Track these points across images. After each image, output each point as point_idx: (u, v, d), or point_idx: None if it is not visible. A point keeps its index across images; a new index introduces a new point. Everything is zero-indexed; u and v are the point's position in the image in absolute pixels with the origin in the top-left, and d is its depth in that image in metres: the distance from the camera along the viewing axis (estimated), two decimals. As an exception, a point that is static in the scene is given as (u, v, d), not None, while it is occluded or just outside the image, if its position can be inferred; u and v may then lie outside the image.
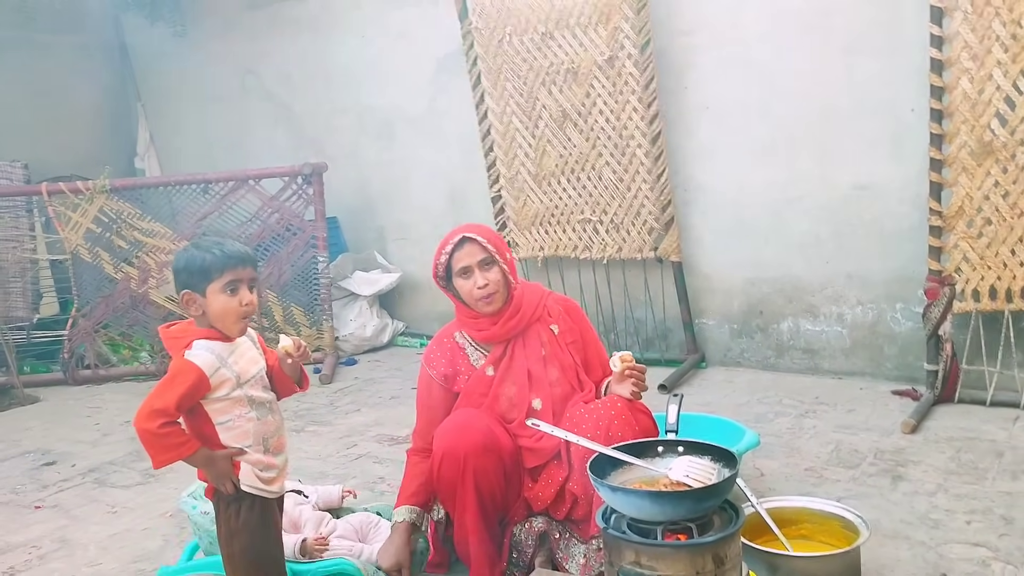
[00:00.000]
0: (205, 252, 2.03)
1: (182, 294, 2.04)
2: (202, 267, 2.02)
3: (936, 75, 3.76)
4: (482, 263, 2.54)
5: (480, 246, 2.53)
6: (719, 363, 4.89)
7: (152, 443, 1.97)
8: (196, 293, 2.03)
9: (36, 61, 6.74)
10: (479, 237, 2.54)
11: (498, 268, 2.55)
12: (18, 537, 3.28)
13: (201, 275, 2.02)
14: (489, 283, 2.53)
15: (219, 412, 2.04)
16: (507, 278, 2.58)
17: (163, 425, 1.95)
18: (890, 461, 3.36)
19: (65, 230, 5.54)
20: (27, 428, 4.74)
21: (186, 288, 2.04)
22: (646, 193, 4.66)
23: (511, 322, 2.59)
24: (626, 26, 4.48)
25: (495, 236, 2.62)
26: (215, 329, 2.05)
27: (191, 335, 2.04)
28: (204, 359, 2.00)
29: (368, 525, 2.77)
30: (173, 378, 1.98)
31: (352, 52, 6.03)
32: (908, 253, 4.15)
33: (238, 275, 2.04)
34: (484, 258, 2.54)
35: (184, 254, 2.07)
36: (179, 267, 2.06)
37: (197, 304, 2.04)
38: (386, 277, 5.93)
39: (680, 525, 1.90)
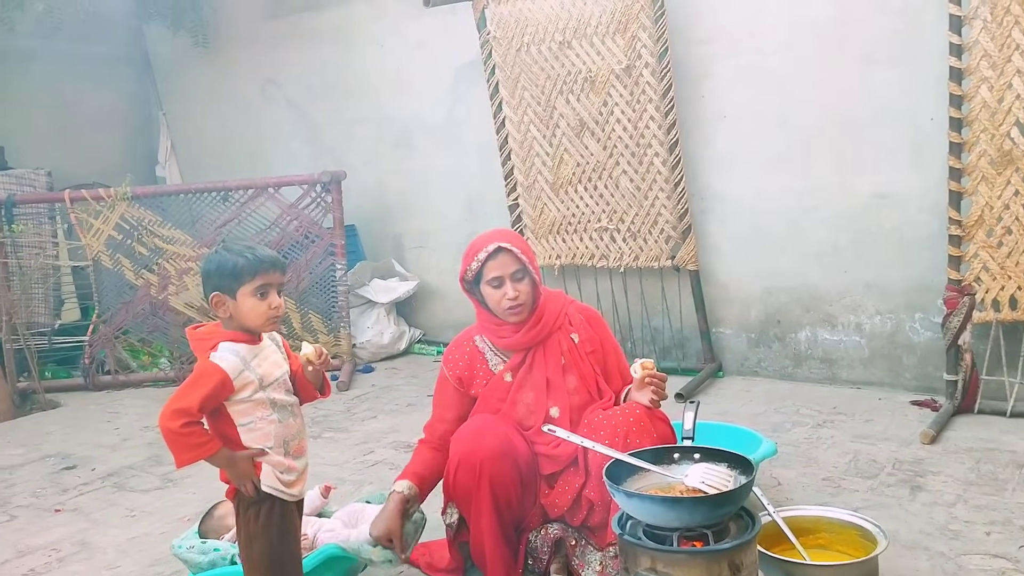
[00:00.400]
0: (237, 256, 2.06)
1: (212, 296, 2.07)
2: (233, 270, 2.05)
3: (955, 84, 3.75)
4: (515, 275, 2.53)
5: (515, 257, 2.52)
6: (736, 372, 4.88)
7: (174, 442, 1.99)
8: (226, 295, 2.06)
9: (61, 71, 6.83)
10: (514, 248, 2.53)
11: (529, 279, 2.55)
12: (38, 540, 3.31)
13: (232, 278, 2.05)
14: (520, 295, 2.53)
15: (241, 414, 2.06)
16: (536, 289, 2.58)
17: (185, 425, 1.97)
18: (909, 471, 3.33)
19: (87, 237, 5.61)
20: (48, 432, 4.79)
21: (216, 290, 2.06)
22: (663, 202, 4.66)
23: (533, 331, 2.60)
24: (644, 35, 4.50)
25: (526, 245, 2.62)
26: (242, 331, 2.08)
27: (217, 337, 2.07)
28: (228, 361, 2.02)
29: (355, 513, 2.78)
30: (197, 379, 2.01)
31: (371, 62, 6.08)
32: (927, 262, 4.13)
33: (268, 279, 2.08)
34: (517, 270, 2.53)
35: (216, 257, 2.10)
36: (210, 269, 2.08)
37: (226, 306, 2.06)
38: (403, 285, 5.96)
39: (696, 532, 1.91)
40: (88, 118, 7.05)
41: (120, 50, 7.31)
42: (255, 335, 2.10)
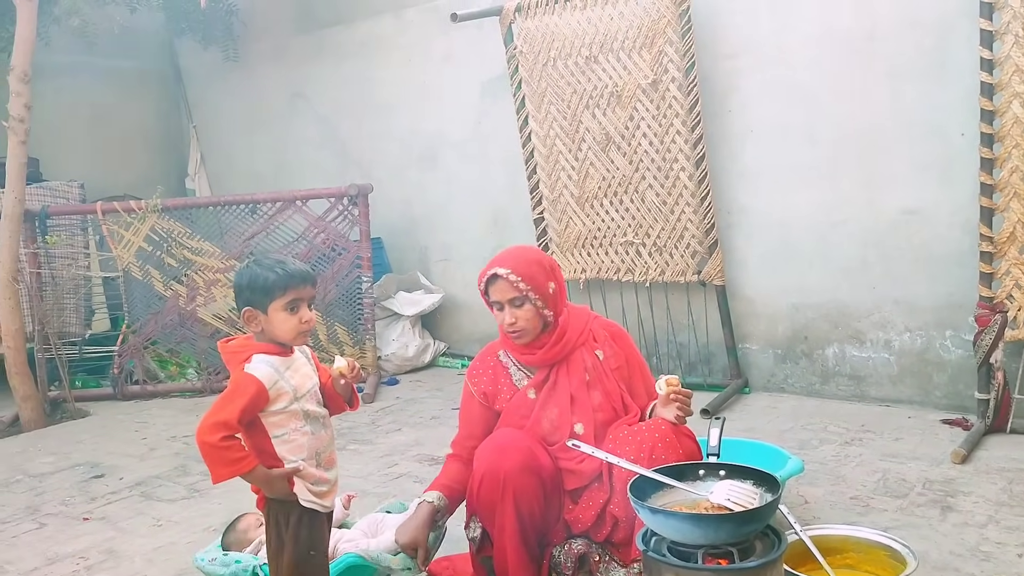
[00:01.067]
0: (268, 271, 2.07)
1: (244, 311, 2.09)
2: (265, 286, 2.06)
3: (987, 99, 3.72)
4: (512, 301, 2.50)
5: (510, 284, 2.48)
6: (762, 389, 4.84)
7: (213, 457, 1.99)
8: (258, 310, 2.08)
9: (94, 84, 6.98)
10: (511, 275, 2.48)
11: (530, 305, 2.51)
12: (67, 548, 3.34)
13: (264, 293, 2.07)
14: (517, 321, 2.50)
15: (275, 425, 2.07)
16: (541, 312, 2.53)
17: (224, 438, 1.97)
18: (939, 491, 3.28)
19: (118, 248, 5.69)
20: (78, 441, 4.84)
21: (248, 305, 2.08)
22: (689, 216, 4.64)
23: (555, 348, 2.57)
24: (670, 50, 4.50)
25: (534, 267, 2.53)
26: (273, 344, 2.10)
27: (250, 349, 2.08)
28: (263, 372, 2.03)
29: (375, 523, 2.78)
30: (234, 391, 2.02)
31: (398, 76, 6.14)
32: (958, 279, 4.08)
33: (299, 294, 2.09)
34: (515, 297, 2.49)
35: (247, 272, 2.11)
36: (242, 284, 2.10)
37: (258, 321, 2.08)
38: (428, 298, 5.98)
39: (721, 549, 1.89)
40: (120, 131, 7.19)
41: (152, 64, 7.45)
42: (287, 348, 2.12)
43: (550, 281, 2.56)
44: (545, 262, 2.60)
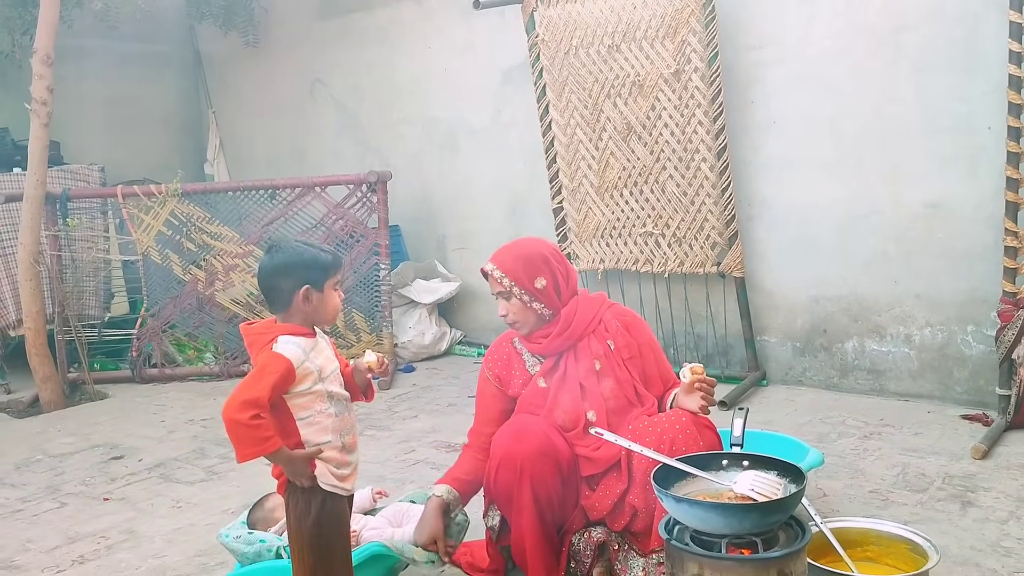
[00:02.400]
0: (322, 252, 2.13)
1: (304, 289, 2.08)
2: (324, 264, 2.11)
3: (1015, 92, 3.67)
4: (500, 295, 2.59)
5: (495, 280, 2.57)
6: (780, 381, 4.82)
7: (241, 435, 1.98)
8: (315, 289, 2.09)
9: (115, 68, 7.01)
10: (496, 271, 2.57)
11: (516, 300, 2.57)
12: (88, 527, 3.38)
13: (323, 272, 2.10)
14: (508, 313, 2.60)
15: (301, 407, 2.08)
16: (529, 306, 2.57)
17: (253, 417, 1.97)
18: (959, 486, 3.26)
19: (138, 232, 5.71)
20: (97, 423, 4.88)
21: (308, 283, 2.08)
22: (710, 207, 4.62)
23: (560, 337, 2.60)
24: (693, 40, 4.47)
25: (520, 263, 2.57)
26: (299, 326, 2.11)
27: (275, 331, 2.09)
28: (291, 351, 2.04)
29: (400, 512, 2.80)
30: (263, 370, 2.01)
31: (419, 63, 6.13)
32: (981, 274, 4.05)
33: (341, 275, 2.18)
34: (499, 292, 2.58)
35: (306, 251, 2.11)
36: (303, 262, 2.09)
37: (311, 299, 2.09)
38: (446, 286, 5.98)
39: (744, 539, 1.88)
40: (140, 115, 7.22)
41: (172, 49, 7.47)
42: (311, 330, 2.13)
43: (538, 276, 2.56)
44: (537, 257, 2.59)
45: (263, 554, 2.58)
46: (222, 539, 2.69)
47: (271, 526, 2.74)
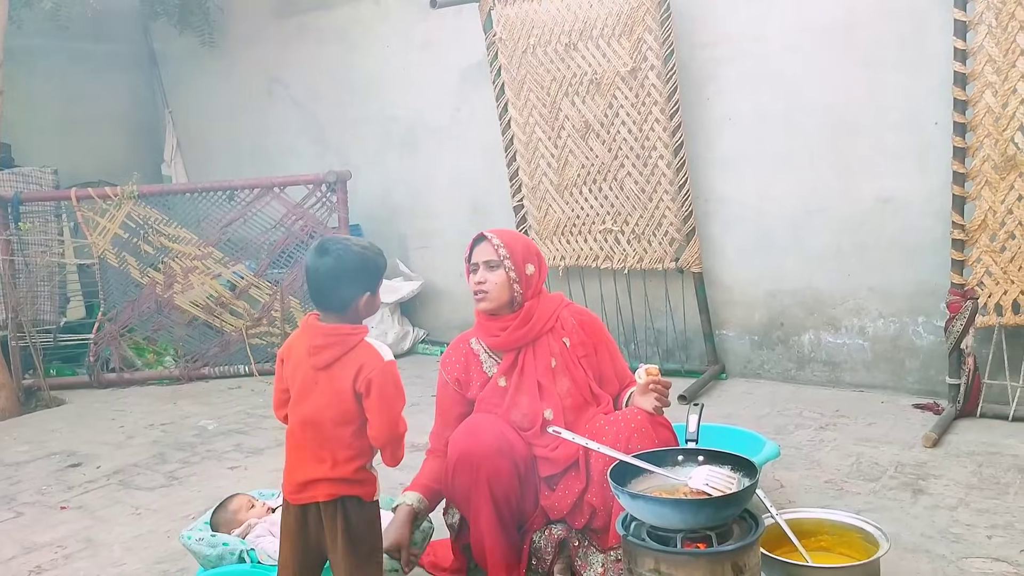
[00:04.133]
0: (375, 253, 2.14)
1: (366, 296, 2.11)
2: (383, 268, 2.16)
3: (960, 88, 3.77)
4: (488, 263, 2.59)
5: (491, 247, 2.59)
6: (739, 375, 4.89)
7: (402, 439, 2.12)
8: (374, 294, 2.13)
9: (67, 68, 6.88)
10: (495, 239, 2.60)
11: (503, 272, 2.58)
12: (44, 537, 3.32)
13: (381, 276, 2.16)
14: (486, 282, 2.58)
15: None
16: (512, 284, 2.59)
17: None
18: (911, 475, 3.34)
19: (93, 235, 5.63)
20: (53, 430, 4.80)
21: (370, 289, 2.12)
22: (667, 204, 4.67)
23: (520, 331, 2.61)
24: (649, 38, 4.51)
25: (519, 243, 2.64)
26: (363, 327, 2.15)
27: (360, 332, 2.11)
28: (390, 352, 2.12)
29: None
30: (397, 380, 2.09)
31: (377, 62, 6.11)
32: (931, 266, 4.14)
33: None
34: (490, 259, 2.58)
35: (369, 256, 2.12)
36: (367, 267, 2.11)
37: (373, 303, 2.14)
38: (408, 285, 5.98)
39: (699, 533, 1.92)
40: (94, 116, 7.09)
41: (126, 48, 7.36)
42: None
43: (530, 263, 2.63)
44: (532, 248, 2.69)
45: (226, 557, 2.57)
46: (184, 541, 2.67)
47: (234, 528, 2.72)
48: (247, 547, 2.61)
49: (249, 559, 2.58)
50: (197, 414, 4.90)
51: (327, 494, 2.10)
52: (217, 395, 5.31)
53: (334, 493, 2.10)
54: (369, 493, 2.14)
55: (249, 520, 2.77)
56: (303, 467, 2.12)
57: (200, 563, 2.66)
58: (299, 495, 2.13)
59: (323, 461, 2.09)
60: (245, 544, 2.63)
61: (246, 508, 2.82)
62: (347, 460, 2.09)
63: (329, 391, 2.08)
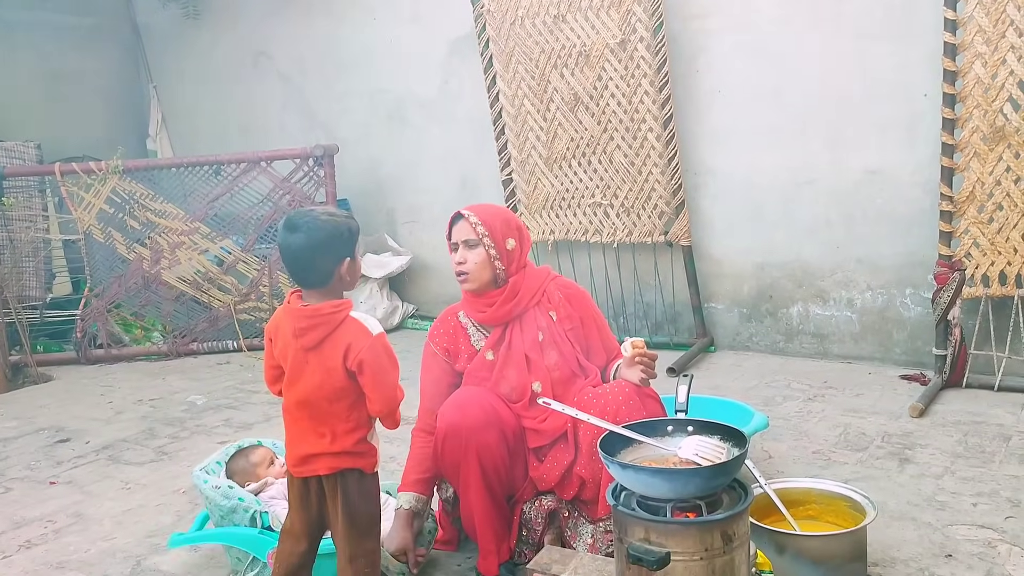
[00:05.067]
0: (344, 218, 2.11)
1: (346, 261, 2.08)
2: (355, 232, 2.11)
3: (949, 59, 3.76)
4: (467, 242, 2.55)
5: (469, 226, 2.54)
6: (728, 347, 4.91)
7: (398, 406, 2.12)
8: (352, 259, 2.10)
9: (49, 42, 6.78)
10: (472, 217, 2.55)
11: (482, 250, 2.55)
12: (34, 512, 3.32)
13: (354, 239, 2.11)
14: (466, 262, 2.55)
15: None
16: (493, 262, 2.56)
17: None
18: (898, 444, 3.38)
19: (78, 210, 5.58)
20: (41, 406, 4.79)
21: (348, 255, 2.09)
22: (657, 177, 4.66)
23: (507, 306, 2.60)
24: (638, 9, 4.48)
25: (498, 220, 2.58)
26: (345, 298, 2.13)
27: (344, 308, 2.08)
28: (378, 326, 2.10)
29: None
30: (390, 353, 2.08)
31: (364, 35, 6.04)
32: (919, 238, 4.16)
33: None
34: (468, 238, 2.55)
35: (340, 222, 2.09)
36: (331, 237, 2.06)
37: (354, 268, 2.11)
38: (396, 260, 5.96)
39: (689, 503, 1.92)
40: (77, 91, 7.00)
41: (109, 21, 7.24)
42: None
43: (510, 237, 2.59)
44: (513, 221, 2.64)
45: (238, 512, 2.52)
46: (196, 481, 2.63)
47: (249, 480, 2.69)
48: (261, 508, 2.58)
49: (261, 521, 2.55)
50: (186, 389, 4.89)
51: (328, 467, 2.11)
52: (206, 370, 5.30)
53: (335, 467, 2.11)
54: (370, 465, 2.15)
55: (267, 478, 2.73)
56: (304, 442, 2.12)
57: (207, 508, 2.63)
58: (301, 468, 2.14)
59: (323, 436, 2.09)
60: (260, 504, 2.59)
61: (267, 464, 2.77)
62: (346, 433, 2.09)
63: (320, 370, 2.06)
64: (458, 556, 2.72)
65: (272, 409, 4.37)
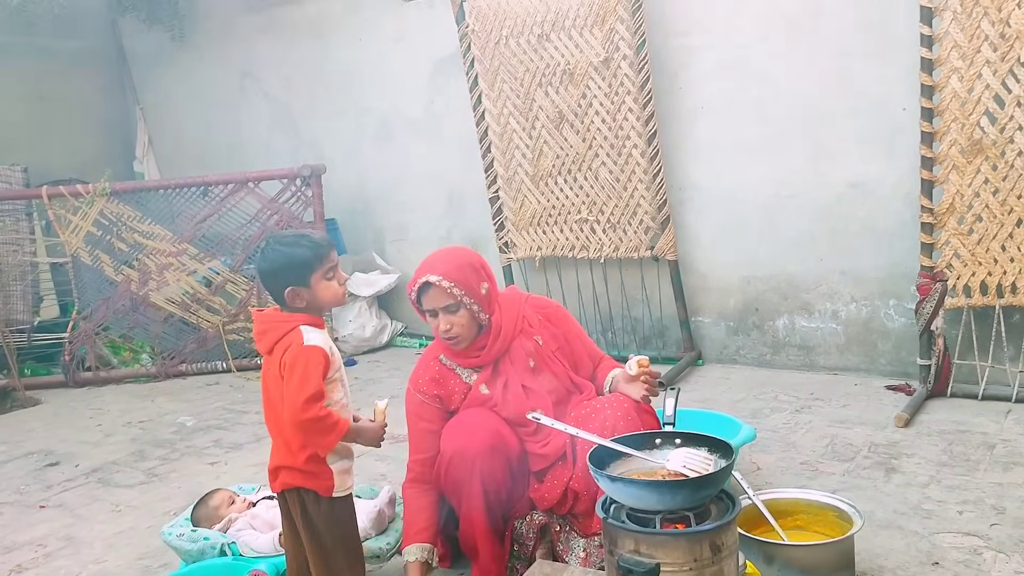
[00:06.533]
0: (298, 248, 2.12)
1: (287, 291, 2.11)
2: (303, 261, 2.12)
3: (927, 74, 3.82)
4: (447, 308, 2.47)
5: (444, 291, 2.44)
6: (715, 360, 4.95)
7: (319, 428, 2.06)
8: (301, 287, 2.12)
9: (35, 65, 6.79)
10: (443, 281, 2.44)
11: (464, 311, 2.48)
12: (24, 536, 3.32)
13: (303, 269, 2.12)
14: (452, 327, 2.48)
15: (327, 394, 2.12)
16: (477, 316, 2.51)
17: (322, 408, 2.05)
18: (884, 454, 3.41)
19: (65, 233, 5.58)
20: (30, 430, 4.78)
21: (289, 285, 2.12)
22: (642, 193, 4.71)
23: (494, 348, 2.57)
24: (621, 27, 4.54)
25: (466, 271, 2.49)
26: (310, 315, 2.15)
27: (295, 321, 2.12)
28: (322, 340, 2.11)
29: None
30: (307, 363, 2.06)
31: (350, 55, 6.09)
32: (901, 250, 4.21)
33: (332, 260, 2.17)
34: (448, 304, 2.47)
35: (276, 254, 2.13)
36: (277, 267, 2.12)
37: (302, 296, 2.13)
38: (385, 278, 5.98)
39: (678, 514, 1.95)
40: (63, 114, 7.01)
41: (94, 45, 7.28)
42: (319, 318, 2.18)
43: (483, 282, 2.53)
44: (476, 263, 2.57)
45: (207, 552, 2.58)
46: (165, 537, 2.68)
47: (215, 524, 2.74)
48: (228, 540, 2.62)
49: (231, 552, 2.59)
50: (175, 411, 4.89)
51: (282, 483, 2.17)
52: (195, 391, 5.30)
53: (288, 483, 2.16)
54: (324, 488, 2.15)
55: (230, 515, 2.78)
56: (275, 453, 2.20)
57: (182, 558, 2.68)
58: (272, 482, 2.21)
59: (282, 447, 2.16)
60: (226, 538, 2.64)
61: (227, 504, 2.83)
62: (300, 448, 2.12)
63: (269, 375, 2.15)
64: (451, 573, 2.73)
65: (262, 429, 4.36)
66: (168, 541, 2.67)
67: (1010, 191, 3.71)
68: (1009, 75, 3.63)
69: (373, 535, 2.63)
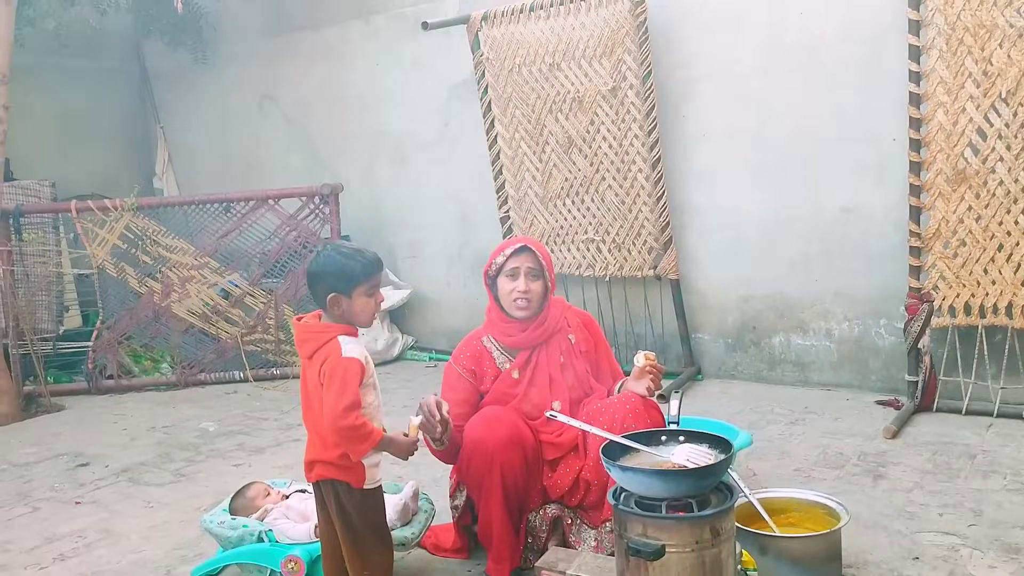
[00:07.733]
0: (351, 260, 2.30)
1: (330, 296, 2.29)
2: (352, 274, 2.30)
3: (914, 108, 4.08)
4: (531, 271, 2.80)
5: (535, 257, 2.81)
6: (715, 375, 5.17)
7: (355, 436, 2.23)
8: (342, 296, 2.30)
9: (64, 85, 7.06)
10: (537, 250, 2.83)
11: (542, 282, 2.83)
12: (64, 528, 3.50)
13: (349, 280, 2.30)
14: (530, 291, 2.80)
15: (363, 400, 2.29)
16: (547, 295, 2.85)
17: (358, 416, 2.21)
18: (872, 463, 3.63)
19: (92, 246, 5.80)
20: (57, 433, 4.96)
21: (334, 291, 2.30)
22: (646, 215, 4.95)
23: (538, 330, 2.87)
24: (628, 59, 4.80)
25: (548, 256, 2.88)
26: (347, 324, 2.32)
27: (333, 331, 2.29)
28: (359, 351, 2.28)
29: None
30: (345, 374, 2.22)
31: (367, 79, 6.35)
32: (891, 272, 4.44)
33: (377, 280, 2.35)
34: (534, 269, 2.81)
35: (330, 260, 2.31)
36: (329, 271, 2.30)
37: (341, 305, 2.30)
38: (397, 293, 6.19)
39: (682, 502, 2.17)
40: (89, 132, 7.28)
41: (119, 65, 7.55)
42: (355, 329, 2.35)
43: (553, 273, 2.90)
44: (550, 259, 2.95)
45: (246, 538, 2.77)
46: (205, 525, 2.87)
47: (252, 513, 2.93)
48: (265, 528, 2.82)
49: (267, 539, 2.79)
50: (197, 417, 5.08)
51: (316, 474, 2.36)
52: (215, 399, 5.49)
53: (323, 475, 2.35)
54: (356, 480, 2.33)
55: (266, 506, 2.97)
56: (310, 447, 2.39)
57: (221, 544, 2.87)
58: (308, 473, 2.40)
59: (318, 443, 2.34)
60: (263, 526, 2.84)
61: (262, 495, 3.03)
62: (333, 446, 2.30)
63: (309, 379, 2.34)
64: (468, 563, 2.93)
65: (283, 435, 4.58)
66: (209, 528, 2.86)
67: (992, 218, 3.95)
68: (991, 110, 3.89)
69: (399, 526, 2.83)
